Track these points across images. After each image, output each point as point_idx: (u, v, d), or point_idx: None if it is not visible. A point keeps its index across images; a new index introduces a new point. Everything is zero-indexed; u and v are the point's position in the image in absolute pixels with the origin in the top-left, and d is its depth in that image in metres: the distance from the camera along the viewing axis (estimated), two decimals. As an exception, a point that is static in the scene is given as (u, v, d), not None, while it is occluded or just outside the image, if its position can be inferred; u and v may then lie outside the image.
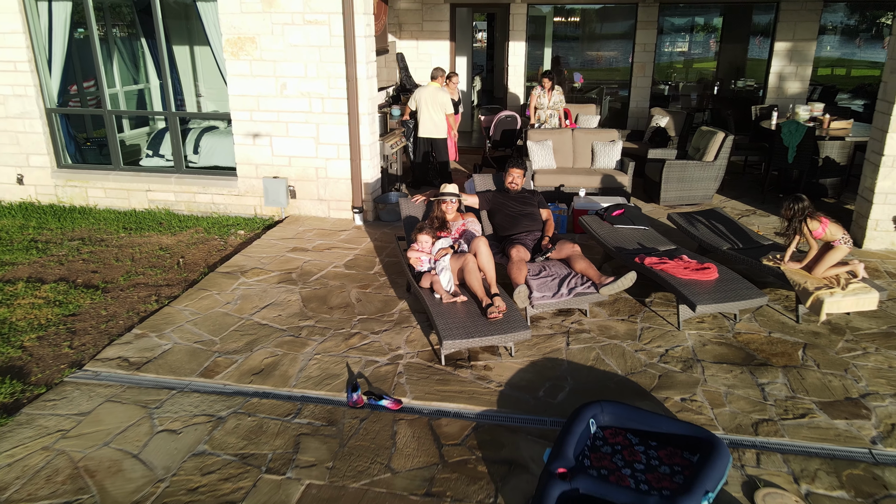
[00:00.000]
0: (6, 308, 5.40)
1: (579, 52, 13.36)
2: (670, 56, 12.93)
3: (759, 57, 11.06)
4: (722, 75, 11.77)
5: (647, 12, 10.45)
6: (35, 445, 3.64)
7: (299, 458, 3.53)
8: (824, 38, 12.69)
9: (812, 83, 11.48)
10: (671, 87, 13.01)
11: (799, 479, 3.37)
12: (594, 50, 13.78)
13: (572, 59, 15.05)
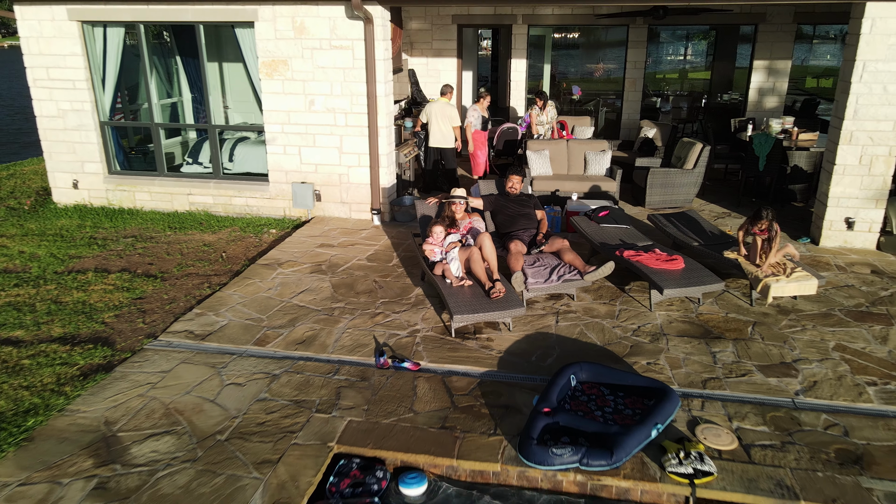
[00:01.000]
0: (83, 293, 6.39)
1: (579, 64, 14.34)
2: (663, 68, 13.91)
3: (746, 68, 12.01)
4: (711, 88, 12.71)
5: (636, 32, 11.41)
6: (132, 393, 4.61)
7: (341, 403, 4.49)
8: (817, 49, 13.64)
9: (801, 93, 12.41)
10: (663, 98, 13.97)
11: (732, 418, 4.31)
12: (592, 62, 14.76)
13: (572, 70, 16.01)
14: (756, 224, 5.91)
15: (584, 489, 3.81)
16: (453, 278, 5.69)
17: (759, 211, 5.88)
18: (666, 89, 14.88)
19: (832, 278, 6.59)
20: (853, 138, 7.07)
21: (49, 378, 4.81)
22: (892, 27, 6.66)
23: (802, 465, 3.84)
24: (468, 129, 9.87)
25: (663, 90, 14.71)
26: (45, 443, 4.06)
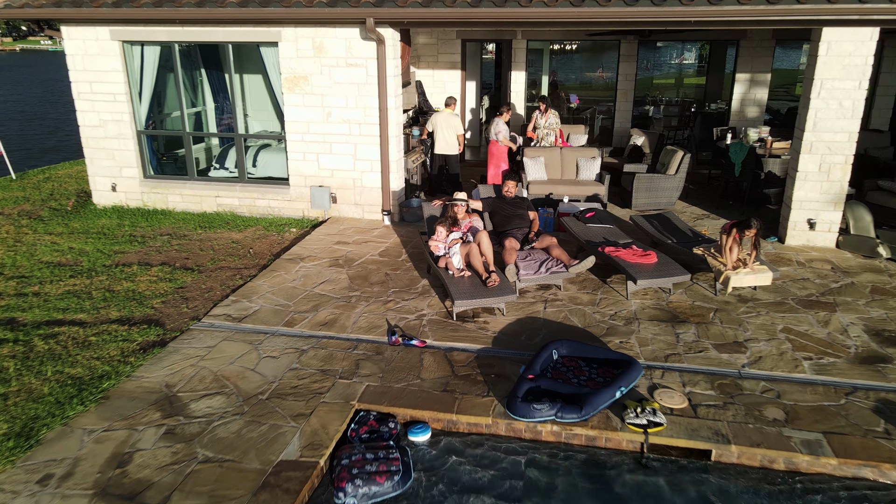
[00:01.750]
0: (131, 283, 7.31)
1: (577, 72, 15.21)
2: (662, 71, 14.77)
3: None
4: (705, 96, 13.54)
5: (627, 47, 12.27)
6: (185, 363, 5.51)
7: (360, 372, 5.37)
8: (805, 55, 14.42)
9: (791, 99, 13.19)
10: (655, 106, 14.83)
11: (686, 385, 5.17)
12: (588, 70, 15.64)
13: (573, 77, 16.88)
14: (746, 231, 6.66)
15: (559, 438, 4.68)
16: (455, 270, 6.57)
17: (749, 220, 6.64)
18: (660, 96, 15.75)
19: (791, 272, 7.45)
20: (813, 148, 7.92)
21: (115, 351, 5.72)
22: (846, 49, 7.51)
23: (738, 420, 4.70)
24: (503, 141, 10.53)
25: (657, 97, 15.58)
26: (118, 400, 4.97)
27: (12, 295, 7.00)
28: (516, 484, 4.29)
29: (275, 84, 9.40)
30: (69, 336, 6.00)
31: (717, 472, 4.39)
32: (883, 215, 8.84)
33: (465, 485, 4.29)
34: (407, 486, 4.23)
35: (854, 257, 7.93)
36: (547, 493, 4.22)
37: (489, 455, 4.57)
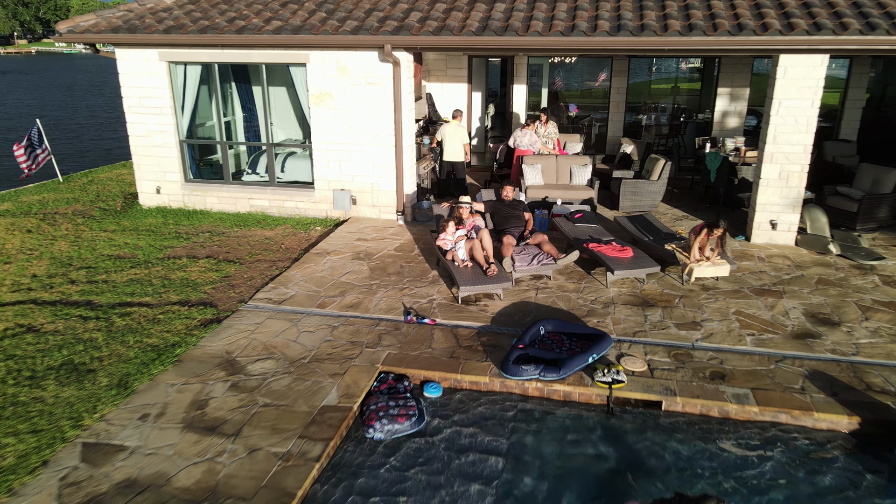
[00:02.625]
0: (184, 273, 8.55)
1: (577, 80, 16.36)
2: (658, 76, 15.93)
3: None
4: (700, 104, 14.66)
5: (619, 63, 13.45)
6: (238, 336, 6.74)
7: (382, 343, 6.59)
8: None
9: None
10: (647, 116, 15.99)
11: (647, 354, 6.35)
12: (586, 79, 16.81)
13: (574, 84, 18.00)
14: (714, 231, 7.82)
15: (542, 393, 5.88)
16: (460, 261, 7.78)
17: (717, 221, 7.81)
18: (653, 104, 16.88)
19: (751, 266, 8.61)
20: (773, 158, 9.08)
21: (181, 326, 6.96)
22: (800, 73, 8.67)
23: (685, 379, 5.88)
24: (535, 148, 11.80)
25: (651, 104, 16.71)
26: (189, 363, 6.20)
27: (84, 282, 8.26)
28: (507, 426, 5.49)
29: (301, 99, 10.63)
30: (140, 314, 7.26)
31: (666, 417, 5.57)
32: (840, 217, 9.97)
33: (467, 426, 5.48)
34: (422, 426, 5.44)
35: (809, 254, 9.08)
36: (532, 433, 5.42)
37: (486, 405, 5.77)
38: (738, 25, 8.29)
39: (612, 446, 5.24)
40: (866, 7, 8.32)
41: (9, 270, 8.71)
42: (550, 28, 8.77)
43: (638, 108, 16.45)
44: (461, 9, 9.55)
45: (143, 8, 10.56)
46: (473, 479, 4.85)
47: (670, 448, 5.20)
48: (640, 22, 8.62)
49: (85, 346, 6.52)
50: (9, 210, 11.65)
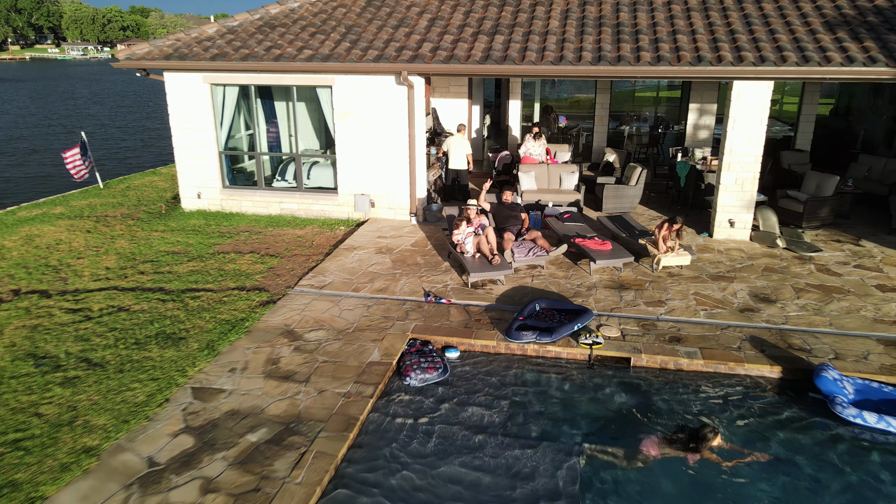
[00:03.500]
0: (234, 265, 10.14)
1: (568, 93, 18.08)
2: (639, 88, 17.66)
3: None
4: (680, 114, 16.38)
5: (602, 82, 15.15)
6: (292, 313, 8.34)
7: (409, 317, 8.20)
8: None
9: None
10: (630, 123, 17.71)
11: (620, 324, 8.00)
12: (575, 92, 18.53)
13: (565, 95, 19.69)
14: (673, 225, 9.52)
15: (538, 353, 7.51)
16: (468, 254, 9.42)
17: (674, 217, 9.51)
18: (635, 115, 18.62)
19: (711, 257, 10.30)
20: (731, 167, 10.77)
21: (244, 306, 8.56)
22: (751, 96, 10.37)
23: (649, 342, 7.54)
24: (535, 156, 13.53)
25: (632, 116, 18.46)
26: (257, 333, 7.79)
27: (152, 273, 9.83)
28: (510, 377, 7.12)
29: (326, 115, 12.25)
30: (208, 297, 8.85)
31: (634, 370, 7.22)
32: (789, 216, 11.68)
33: (480, 377, 7.11)
34: (446, 376, 7.06)
35: (760, 247, 10.78)
36: (530, 383, 7.04)
37: (494, 363, 7.40)
38: (697, 57, 9.99)
39: (592, 390, 6.88)
40: (804, 42, 10.05)
41: (84, 264, 10.26)
42: (542, 58, 10.45)
43: (621, 118, 18.18)
44: (466, 40, 11.20)
45: (188, 38, 12.15)
46: (487, 408, 6.48)
47: (637, 389, 6.85)
48: (617, 53, 10.31)
49: (171, 320, 8.11)
50: (64, 213, 13.19)
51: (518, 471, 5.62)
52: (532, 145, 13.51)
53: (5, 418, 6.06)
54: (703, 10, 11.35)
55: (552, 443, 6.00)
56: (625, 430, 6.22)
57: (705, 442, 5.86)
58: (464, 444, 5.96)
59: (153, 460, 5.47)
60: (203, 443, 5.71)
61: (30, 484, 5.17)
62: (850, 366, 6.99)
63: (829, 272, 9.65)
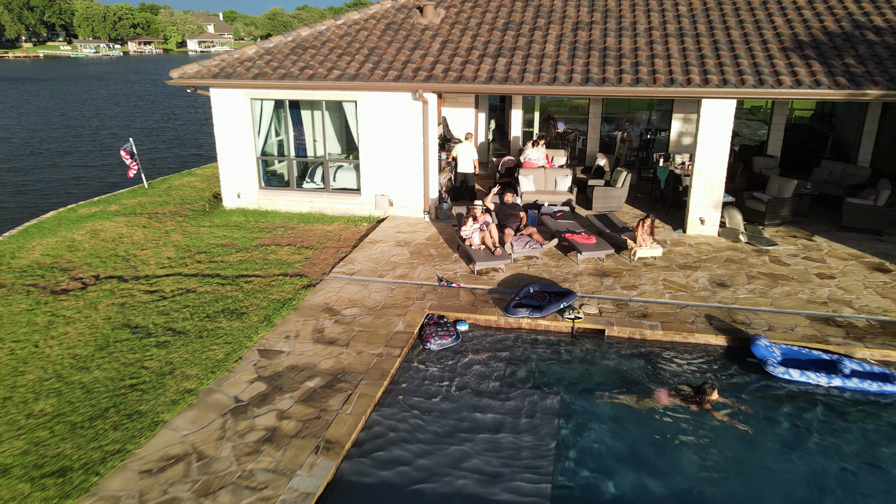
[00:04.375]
0: (276, 255, 11.95)
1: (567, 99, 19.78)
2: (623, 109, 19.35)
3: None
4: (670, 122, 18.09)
5: (595, 99, 16.88)
6: (330, 294, 10.15)
7: (426, 298, 10.00)
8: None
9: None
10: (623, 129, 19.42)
11: (599, 304, 9.78)
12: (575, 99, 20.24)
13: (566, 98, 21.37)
14: (646, 222, 11.29)
15: (531, 326, 9.30)
16: (475, 246, 11.21)
17: (647, 216, 11.29)
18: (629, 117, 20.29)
19: (683, 250, 12.04)
20: (701, 173, 12.50)
21: (289, 288, 10.37)
22: (717, 111, 12.09)
23: (621, 317, 9.31)
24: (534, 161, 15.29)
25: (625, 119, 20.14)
26: (303, 309, 9.60)
27: (207, 262, 11.66)
28: (508, 343, 8.90)
29: (350, 125, 14.04)
30: (258, 282, 10.67)
31: (607, 339, 9.00)
32: (754, 215, 13.39)
33: (484, 343, 8.89)
34: (458, 342, 8.85)
35: (726, 242, 12.52)
36: (524, 349, 8.83)
37: (496, 333, 9.19)
38: (671, 80, 11.73)
39: (572, 353, 8.67)
40: (762, 66, 11.77)
41: (148, 254, 12.11)
42: (538, 79, 12.21)
43: (617, 121, 19.88)
44: (473, 62, 12.97)
45: (232, 58, 13.96)
46: (489, 365, 8.27)
47: (608, 353, 8.63)
48: (603, 76, 12.07)
49: (231, 300, 9.94)
50: (119, 211, 15.04)
51: (511, 406, 7.41)
52: (532, 152, 15.28)
53: (120, 370, 7.90)
54: (679, 36, 13.07)
55: (538, 389, 7.79)
56: (593, 379, 8.00)
57: (705, 395, 7.49)
58: (471, 388, 7.75)
59: (238, 398, 7.30)
60: (273, 387, 7.53)
61: (151, 413, 7.00)
62: (780, 335, 8.75)
63: (779, 263, 11.39)
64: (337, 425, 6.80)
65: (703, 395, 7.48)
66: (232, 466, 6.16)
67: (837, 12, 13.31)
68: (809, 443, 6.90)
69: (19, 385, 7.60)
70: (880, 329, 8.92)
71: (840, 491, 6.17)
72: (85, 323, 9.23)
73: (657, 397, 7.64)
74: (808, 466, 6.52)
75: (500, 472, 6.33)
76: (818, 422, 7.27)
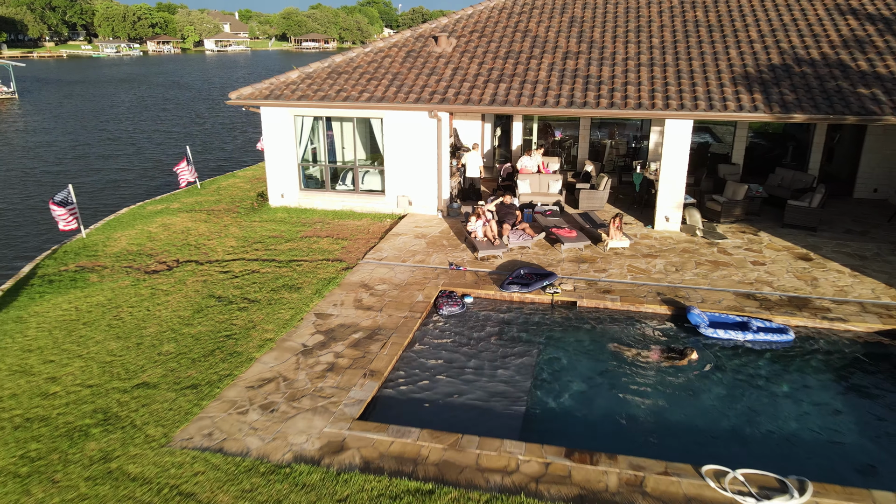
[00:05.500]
0: (318, 245, 14.80)
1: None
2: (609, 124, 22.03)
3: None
4: (638, 137, 20.83)
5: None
6: (364, 274, 12.99)
7: (439, 278, 12.81)
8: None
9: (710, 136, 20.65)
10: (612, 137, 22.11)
11: (574, 283, 12.55)
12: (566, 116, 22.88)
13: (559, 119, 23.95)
14: (616, 220, 14.04)
15: (522, 299, 12.09)
16: (479, 238, 14.02)
17: (617, 214, 14.05)
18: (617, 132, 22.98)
19: (648, 243, 14.76)
20: (666, 179, 15.21)
21: (332, 270, 13.21)
22: (678, 129, 14.78)
23: (590, 293, 12.07)
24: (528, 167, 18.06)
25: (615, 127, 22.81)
26: (345, 285, 12.44)
27: (263, 250, 14.53)
28: (503, 312, 11.70)
29: (377, 137, 16.85)
30: (307, 265, 13.52)
31: (579, 308, 11.77)
32: (712, 214, 16.07)
33: (484, 311, 11.69)
34: (464, 310, 11.66)
35: (685, 236, 15.23)
36: (514, 315, 11.62)
37: (492, 305, 11.99)
38: (638, 104, 14.45)
39: (552, 318, 11.45)
40: (713, 93, 14.46)
41: (214, 244, 15.00)
42: (531, 102, 14.96)
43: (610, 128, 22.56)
44: (479, 87, 15.74)
45: (279, 82, 16.82)
46: (487, 326, 11.07)
47: (578, 319, 11.40)
48: (584, 99, 14.80)
49: (288, 278, 12.80)
50: (181, 208, 17.97)
51: (502, 353, 10.20)
52: (527, 160, 18.03)
53: (216, 326, 10.77)
54: (650, 65, 15.77)
55: (522, 342, 10.58)
56: (565, 334, 10.77)
57: (685, 357, 10.16)
58: (473, 340, 10.55)
59: (304, 345, 10.14)
60: (329, 338, 10.37)
61: (245, 353, 9.86)
62: (709, 307, 11.49)
63: (725, 253, 14.11)
64: (377, 361, 9.62)
65: (684, 355, 10.15)
66: (307, 385, 9.01)
67: (783, 46, 15.96)
68: (732, 378, 9.64)
69: (145, 336, 10.49)
70: (787, 302, 11.64)
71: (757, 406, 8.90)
72: (180, 294, 12.13)
73: (651, 355, 10.31)
74: (733, 392, 9.26)
75: (497, 389, 9.13)
76: (738, 364, 10.00)
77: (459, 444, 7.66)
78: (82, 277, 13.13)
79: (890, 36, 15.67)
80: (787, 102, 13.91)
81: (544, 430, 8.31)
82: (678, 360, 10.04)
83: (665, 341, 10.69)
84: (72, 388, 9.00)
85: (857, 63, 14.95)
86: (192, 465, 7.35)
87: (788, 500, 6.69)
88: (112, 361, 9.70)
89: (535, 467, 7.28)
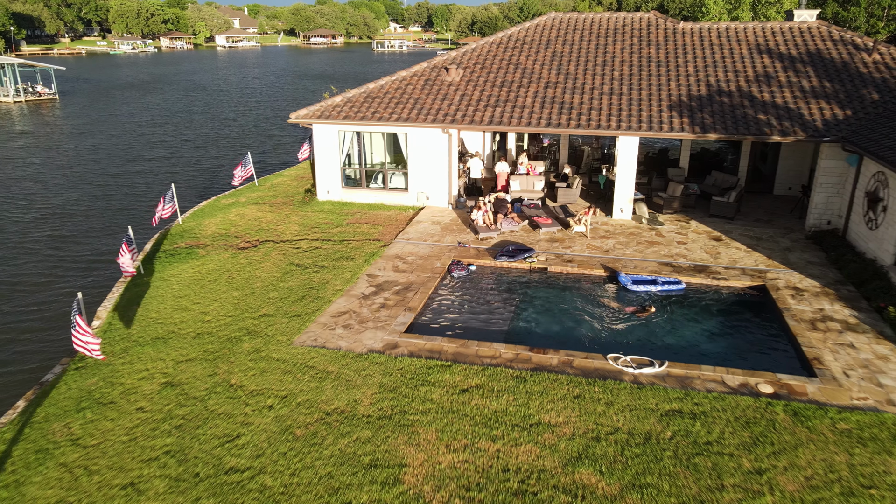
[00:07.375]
0: (360, 230, 19.95)
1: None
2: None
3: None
4: (610, 144, 25.83)
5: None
6: (397, 249, 18.14)
7: (451, 252, 17.95)
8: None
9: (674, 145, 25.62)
10: (592, 144, 27.18)
11: (546, 256, 17.67)
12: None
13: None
14: (588, 210, 19.12)
15: (510, 265, 17.23)
16: (479, 224, 19.16)
17: (590, 207, 19.16)
18: (594, 140, 28.05)
19: (605, 228, 19.85)
20: (620, 179, 20.27)
21: (374, 247, 18.36)
22: (629, 143, 19.84)
23: (557, 262, 17.20)
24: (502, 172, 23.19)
25: (592, 141, 27.89)
26: (384, 257, 17.59)
27: (320, 233, 19.69)
28: (496, 274, 16.83)
29: (402, 147, 21.96)
30: (355, 243, 18.67)
31: (549, 273, 16.89)
32: (657, 207, 21.13)
33: (484, 275, 16.83)
34: (469, 273, 16.80)
35: (634, 223, 20.31)
36: (504, 277, 16.75)
37: (489, 270, 17.12)
38: (598, 125, 19.52)
39: (530, 278, 16.59)
40: (654, 117, 19.51)
41: (281, 229, 20.16)
42: (519, 122, 20.05)
43: (589, 137, 27.59)
44: (480, 110, 20.83)
45: (326, 105, 21.94)
46: (485, 284, 16.21)
47: (548, 279, 16.53)
48: (558, 121, 19.88)
49: (343, 252, 17.95)
50: (248, 201, 23.15)
51: (495, 297, 15.33)
52: (502, 165, 23.15)
53: (301, 282, 15.94)
54: (609, 94, 20.81)
55: (510, 293, 15.70)
56: (539, 289, 15.87)
57: (646, 311, 15.20)
58: (476, 290, 15.68)
59: (363, 293, 15.30)
60: (378, 289, 15.52)
61: (325, 297, 15.03)
62: (635, 270, 16.60)
63: (660, 235, 19.20)
64: (412, 302, 14.77)
65: (645, 311, 15.20)
66: (369, 314, 14.16)
67: (710, 80, 20.98)
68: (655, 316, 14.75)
69: (254, 288, 15.67)
70: (693, 268, 16.75)
71: (656, 329, 14.00)
72: (268, 263, 17.30)
73: (628, 309, 15.41)
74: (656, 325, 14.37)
75: (490, 319, 14.26)
76: (658, 306, 15.09)
77: (465, 344, 12.83)
78: (193, 252, 18.32)
79: (791, 72, 20.67)
80: (706, 125, 18.96)
81: (518, 340, 13.47)
82: (641, 312, 15.17)
83: (604, 294, 15.86)
84: (219, 317, 14.20)
85: (763, 94, 19.98)
86: (309, 353, 12.54)
87: (653, 368, 11.82)
88: (238, 303, 14.89)
89: (510, 355, 12.44)
